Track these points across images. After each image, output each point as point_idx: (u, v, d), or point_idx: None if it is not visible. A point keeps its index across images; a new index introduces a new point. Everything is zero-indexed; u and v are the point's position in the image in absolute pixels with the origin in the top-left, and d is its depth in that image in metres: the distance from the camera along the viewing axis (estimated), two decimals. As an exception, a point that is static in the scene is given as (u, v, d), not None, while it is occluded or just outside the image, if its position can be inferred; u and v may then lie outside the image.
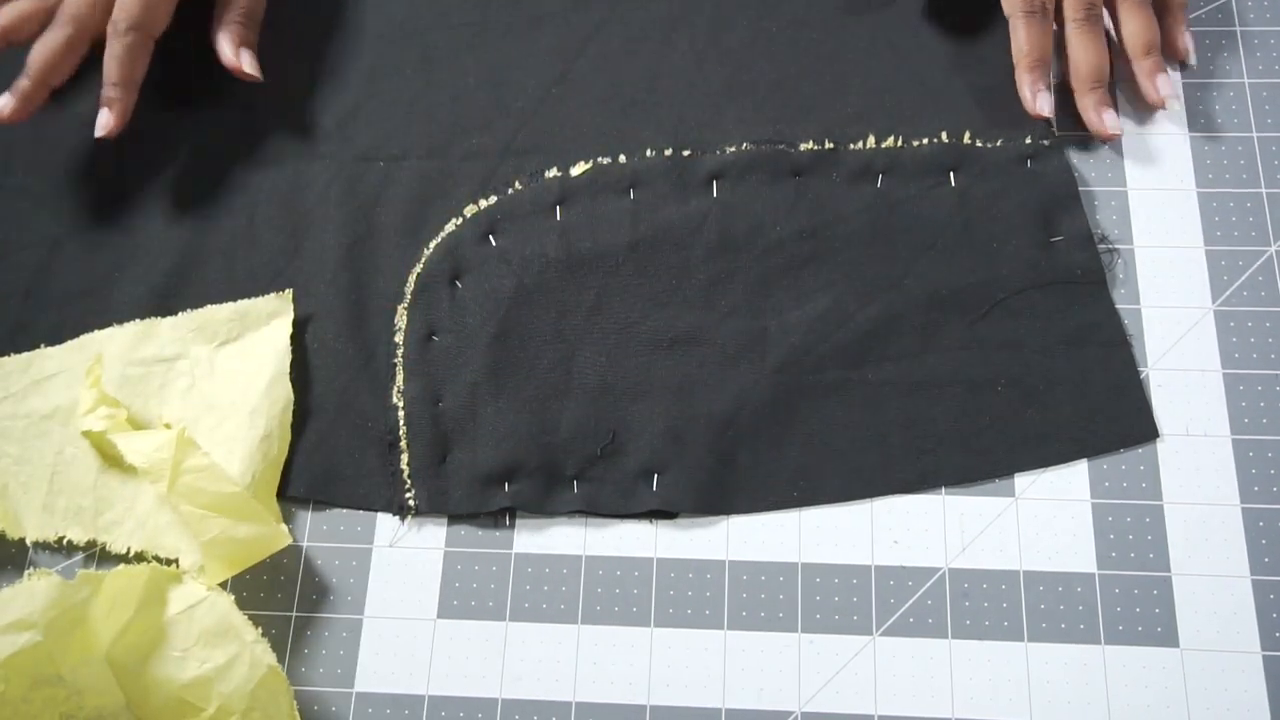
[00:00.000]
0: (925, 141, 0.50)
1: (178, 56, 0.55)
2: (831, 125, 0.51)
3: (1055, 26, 0.51)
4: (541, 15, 0.55)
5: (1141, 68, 0.50)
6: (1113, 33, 0.52)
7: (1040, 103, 0.50)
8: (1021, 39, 0.50)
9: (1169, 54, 0.51)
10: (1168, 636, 0.43)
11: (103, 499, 0.47)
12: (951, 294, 0.48)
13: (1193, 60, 0.52)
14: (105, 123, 0.50)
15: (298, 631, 0.45)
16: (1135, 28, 0.50)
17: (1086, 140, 0.51)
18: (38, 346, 0.50)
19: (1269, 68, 0.52)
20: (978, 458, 0.45)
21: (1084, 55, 0.50)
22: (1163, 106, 0.50)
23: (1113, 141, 0.51)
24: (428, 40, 0.55)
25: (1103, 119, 0.50)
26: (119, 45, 0.50)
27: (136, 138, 0.53)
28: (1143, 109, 0.51)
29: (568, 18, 0.54)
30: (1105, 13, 0.51)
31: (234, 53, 0.52)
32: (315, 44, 0.55)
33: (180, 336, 0.49)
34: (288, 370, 0.48)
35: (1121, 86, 0.52)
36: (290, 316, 0.49)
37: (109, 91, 0.50)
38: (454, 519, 0.46)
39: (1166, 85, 0.50)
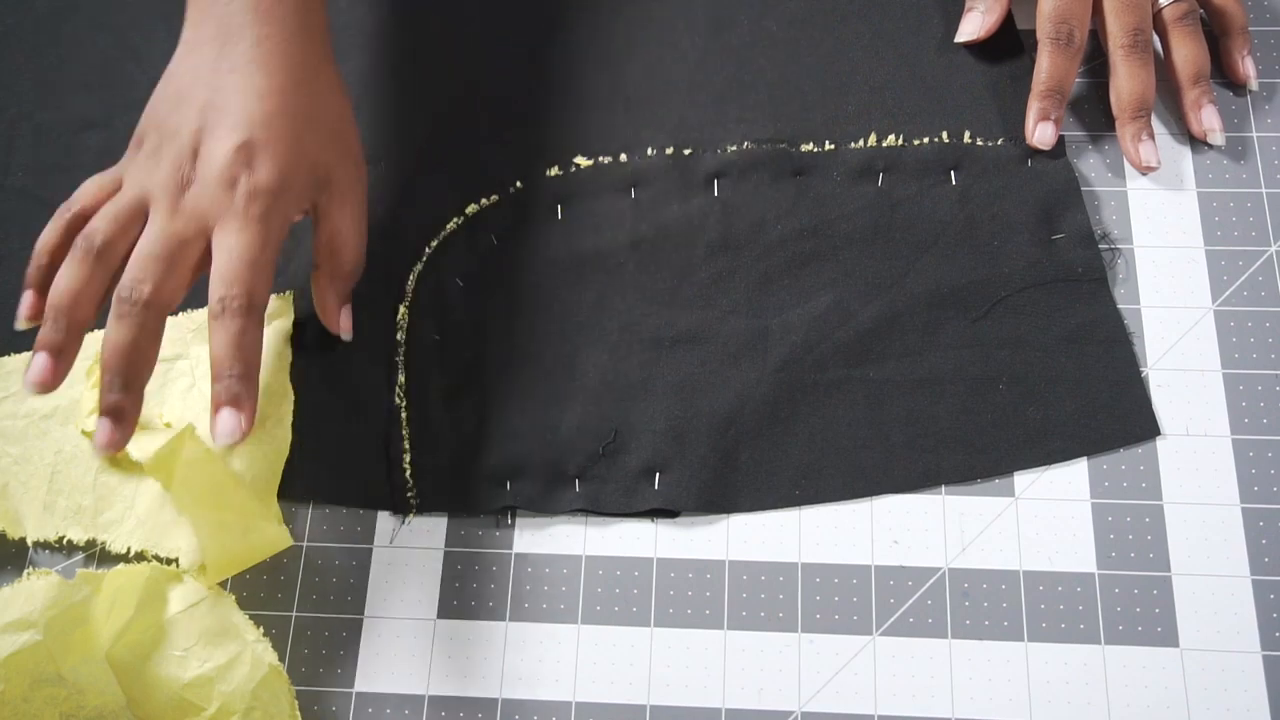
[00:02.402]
0: (926, 140, 0.50)
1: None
2: (832, 124, 0.51)
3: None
4: (542, 15, 0.55)
5: (1188, 97, 0.49)
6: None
7: (1040, 133, 0.49)
8: (1042, 65, 0.49)
9: (1231, 79, 0.50)
10: (1168, 636, 0.43)
11: (102, 498, 0.47)
12: (953, 292, 0.48)
13: (1254, 85, 0.50)
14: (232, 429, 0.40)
15: (298, 631, 0.45)
16: (1186, 55, 0.49)
17: (1087, 139, 0.51)
18: (37, 346, 0.50)
19: (1269, 68, 0.51)
20: (979, 455, 0.45)
21: (1128, 83, 0.48)
22: (1205, 139, 0.49)
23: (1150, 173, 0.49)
24: (428, 39, 0.55)
25: (1139, 151, 0.49)
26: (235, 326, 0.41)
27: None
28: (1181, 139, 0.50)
29: (569, 17, 0.54)
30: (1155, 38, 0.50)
31: (336, 312, 0.47)
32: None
33: (180, 336, 0.49)
34: (288, 370, 0.48)
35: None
36: (291, 318, 0.49)
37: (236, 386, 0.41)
38: (454, 518, 0.46)
39: (1212, 118, 0.49)
